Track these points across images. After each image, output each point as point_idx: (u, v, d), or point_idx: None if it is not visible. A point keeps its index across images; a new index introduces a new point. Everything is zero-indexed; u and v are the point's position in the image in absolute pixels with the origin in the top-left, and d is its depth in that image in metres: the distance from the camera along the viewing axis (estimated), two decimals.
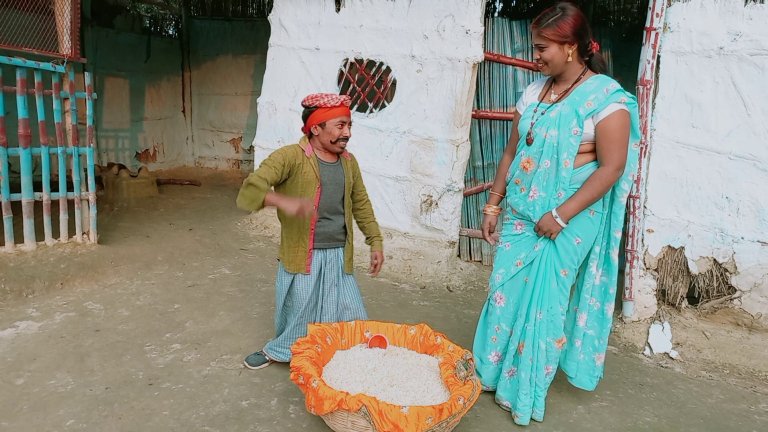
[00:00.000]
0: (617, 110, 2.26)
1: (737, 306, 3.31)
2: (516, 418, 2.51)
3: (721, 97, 3.26)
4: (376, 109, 4.83)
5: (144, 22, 8.91)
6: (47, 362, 2.81)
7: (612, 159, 2.28)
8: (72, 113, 4.18)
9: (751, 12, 3.12)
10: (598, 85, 2.31)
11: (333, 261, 2.74)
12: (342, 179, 2.71)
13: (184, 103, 9.16)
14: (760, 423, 2.69)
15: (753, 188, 3.19)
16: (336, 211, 2.71)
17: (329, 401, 2.07)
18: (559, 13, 2.26)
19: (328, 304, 2.76)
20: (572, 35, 2.26)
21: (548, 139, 2.34)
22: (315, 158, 2.62)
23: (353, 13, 4.81)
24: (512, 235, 2.58)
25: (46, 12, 4.02)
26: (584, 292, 2.59)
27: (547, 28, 2.26)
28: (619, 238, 2.54)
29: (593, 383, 2.70)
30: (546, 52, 2.31)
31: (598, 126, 2.29)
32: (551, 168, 2.37)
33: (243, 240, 5.32)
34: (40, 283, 3.71)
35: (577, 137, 2.30)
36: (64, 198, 4.20)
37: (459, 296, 4.23)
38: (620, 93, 2.28)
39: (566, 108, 2.33)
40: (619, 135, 2.27)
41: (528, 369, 2.48)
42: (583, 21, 2.27)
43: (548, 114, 2.37)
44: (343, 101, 2.57)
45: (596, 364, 2.68)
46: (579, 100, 2.31)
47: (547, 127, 2.36)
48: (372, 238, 2.89)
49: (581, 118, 2.29)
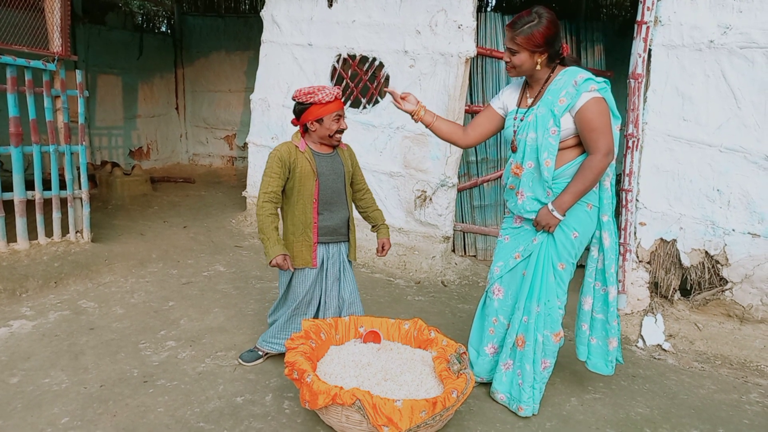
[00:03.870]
0: (590, 99, 2.28)
1: (729, 297, 3.34)
2: (520, 411, 2.51)
3: (712, 91, 3.27)
4: (369, 104, 4.82)
5: (136, 19, 8.86)
6: (41, 361, 2.80)
7: (598, 146, 2.31)
8: (63, 111, 4.16)
9: (740, 5, 3.13)
10: (566, 80, 2.33)
11: (336, 255, 2.75)
12: (341, 168, 2.71)
13: (178, 101, 9.12)
14: (751, 413, 2.72)
15: (744, 181, 3.21)
16: (338, 202, 2.71)
17: (323, 396, 2.09)
18: (535, 20, 2.27)
19: (330, 299, 2.77)
20: (544, 45, 2.29)
21: (529, 142, 2.40)
22: (310, 152, 2.62)
23: (345, 9, 4.80)
24: (512, 228, 2.61)
25: (36, 9, 3.99)
26: (588, 276, 2.63)
27: (521, 35, 2.28)
28: (605, 221, 2.52)
29: (609, 367, 2.69)
30: (516, 57, 2.34)
31: (576, 118, 2.32)
32: (535, 168, 2.42)
33: (237, 237, 5.32)
34: (33, 282, 3.70)
35: (556, 137, 2.34)
36: (57, 196, 4.18)
37: (453, 291, 4.24)
38: (589, 81, 2.29)
39: (542, 110, 2.37)
40: (599, 122, 2.29)
41: (531, 361, 2.49)
42: (556, 30, 2.29)
43: (526, 119, 2.42)
44: (337, 95, 2.56)
45: (609, 348, 2.68)
46: (552, 99, 2.35)
47: (526, 131, 2.41)
48: (378, 225, 2.89)
49: (557, 117, 2.32)
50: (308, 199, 2.63)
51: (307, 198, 2.63)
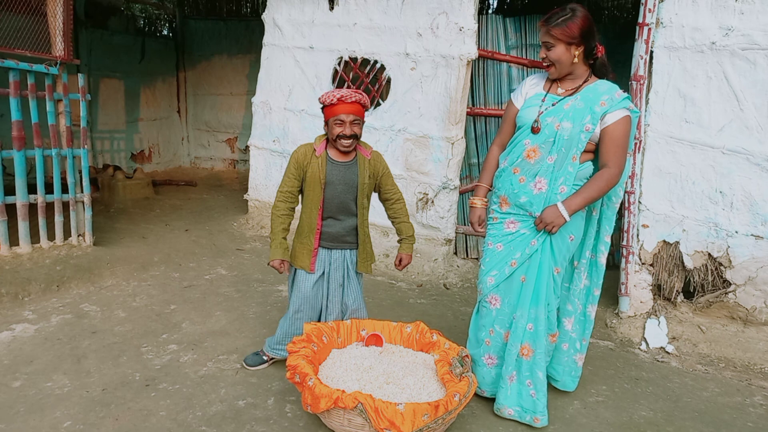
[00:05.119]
0: (625, 116, 2.29)
1: (732, 300, 3.33)
2: (536, 422, 2.43)
3: (714, 92, 3.27)
4: (371, 107, 4.82)
5: (138, 22, 8.88)
6: (44, 364, 2.80)
7: (617, 162, 2.30)
8: (66, 115, 4.17)
9: (742, 7, 3.13)
10: (609, 88, 2.33)
11: (338, 261, 2.71)
12: (354, 179, 2.61)
13: (180, 104, 9.13)
14: (754, 416, 2.71)
15: (746, 182, 3.21)
16: (347, 211, 2.65)
17: (325, 399, 2.08)
18: (569, 13, 2.26)
19: (333, 304, 2.75)
20: (579, 37, 2.26)
21: (560, 131, 2.31)
22: (325, 157, 2.58)
23: (347, 12, 4.81)
24: (504, 235, 2.49)
25: (39, 14, 4.01)
26: (572, 295, 2.60)
27: (556, 27, 2.26)
28: (609, 243, 2.56)
29: (574, 383, 2.74)
30: (553, 51, 2.30)
31: (607, 129, 2.30)
32: (557, 162, 2.35)
33: (239, 240, 5.32)
34: (36, 286, 3.70)
35: (588, 134, 2.30)
36: (59, 200, 4.19)
37: (456, 294, 4.23)
38: (628, 100, 2.31)
39: (580, 103, 2.32)
40: (624, 140, 2.30)
41: (543, 368, 2.46)
42: (591, 23, 2.27)
43: (561, 105, 2.35)
44: (341, 98, 2.46)
45: (577, 365, 2.70)
46: (593, 97, 2.31)
47: (560, 118, 2.32)
48: (402, 239, 2.81)
49: (596, 115, 2.29)
50: (314, 205, 2.61)
51: (314, 204, 2.61)
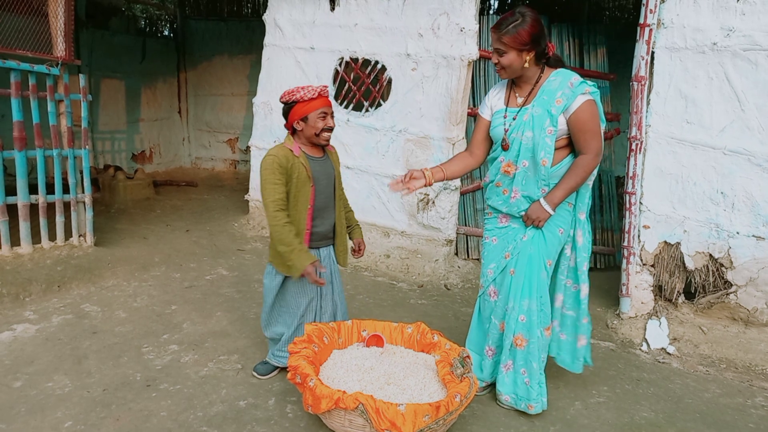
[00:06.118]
0: (585, 101, 2.35)
1: (733, 301, 3.32)
2: (530, 409, 2.53)
3: (716, 93, 3.26)
4: (372, 107, 4.83)
5: (139, 23, 8.88)
6: (45, 365, 2.80)
7: (590, 147, 2.38)
8: (67, 115, 4.17)
9: (743, 7, 3.13)
10: (561, 81, 2.39)
11: (327, 258, 2.72)
12: (332, 172, 2.68)
13: (180, 104, 9.13)
14: (756, 417, 2.70)
15: (748, 183, 3.20)
16: (330, 207, 2.68)
17: (326, 400, 2.08)
18: (519, 19, 2.31)
19: (326, 303, 2.75)
20: (530, 42, 2.33)
21: (525, 141, 2.42)
22: (304, 156, 2.56)
23: (348, 12, 4.81)
24: (498, 229, 2.62)
25: (40, 14, 4.01)
26: (559, 274, 2.65)
27: (507, 35, 2.33)
28: (581, 220, 2.56)
29: (576, 365, 2.73)
30: (505, 57, 2.37)
31: (571, 119, 2.37)
32: (530, 167, 2.45)
33: (240, 241, 5.32)
34: (36, 286, 3.70)
35: (552, 136, 2.38)
36: (60, 200, 4.19)
37: (456, 294, 4.23)
38: (584, 84, 2.36)
39: (537, 109, 2.40)
40: (592, 124, 2.37)
41: (537, 359, 2.51)
42: (540, 27, 2.34)
43: (520, 118, 2.44)
44: (320, 91, 2.50)
45: (578, 345, 2.71)
46: (548, 99, 2.39)
47: (522, 130, 2.43)
48: (352, 227, 2.89)
49: (554, 118, 2.37)
50: (303, 206, 2.56)
51: (303, 204, 2.56)
